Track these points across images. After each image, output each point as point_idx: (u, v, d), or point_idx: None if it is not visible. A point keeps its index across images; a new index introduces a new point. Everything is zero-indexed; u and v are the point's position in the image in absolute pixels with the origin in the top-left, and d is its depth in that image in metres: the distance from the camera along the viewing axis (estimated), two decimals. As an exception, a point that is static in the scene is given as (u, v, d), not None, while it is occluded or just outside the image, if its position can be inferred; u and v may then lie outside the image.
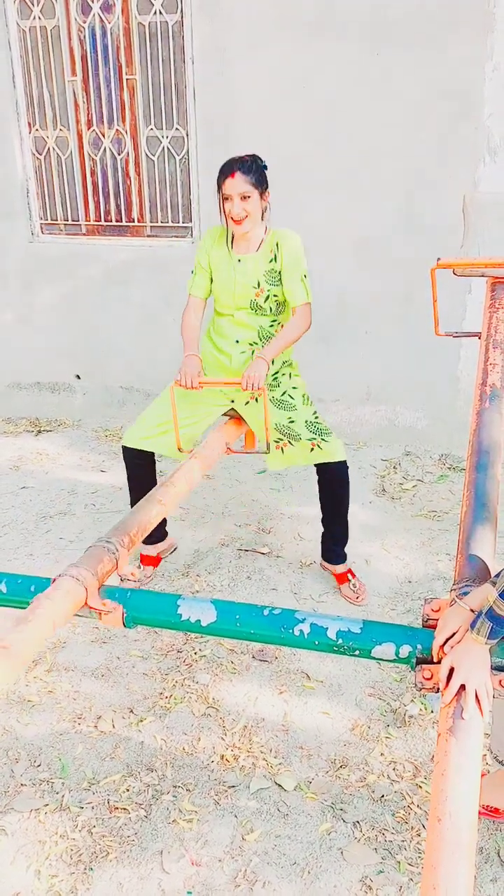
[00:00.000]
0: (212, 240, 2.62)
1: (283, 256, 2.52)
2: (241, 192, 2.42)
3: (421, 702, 2.33)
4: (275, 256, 2.54)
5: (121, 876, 1.82)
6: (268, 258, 2.55)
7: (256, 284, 2.56)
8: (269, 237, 2.56)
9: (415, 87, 3.58)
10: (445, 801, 1.15)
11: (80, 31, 3.99)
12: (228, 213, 2.46)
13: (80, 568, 1.60)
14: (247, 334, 2.62)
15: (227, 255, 2.58)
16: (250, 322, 2.61)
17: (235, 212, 2.44)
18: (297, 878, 1.81)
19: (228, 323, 2.64)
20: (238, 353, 2.62)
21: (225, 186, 2.43)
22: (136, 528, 1.86)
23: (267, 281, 2.56)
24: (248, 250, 2.56)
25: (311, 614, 1.51)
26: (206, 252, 2.62)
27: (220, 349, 2.67)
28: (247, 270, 2.56)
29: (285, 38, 3.66)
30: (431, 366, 3.96)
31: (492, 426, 1.84)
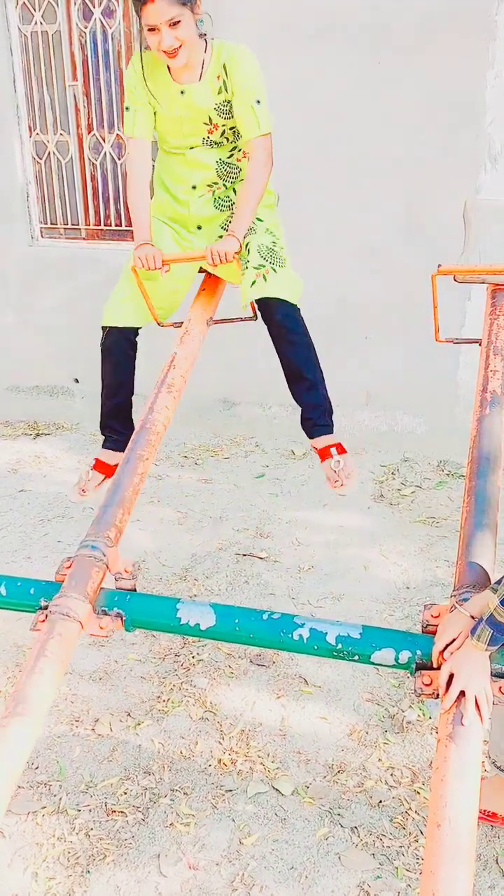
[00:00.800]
0: (146, 66, 2.09)
1: (234, 80, 2.07)
2: (168, 19, 1.91)
3: (419, 708, 2.33)
4: (224, 84, 2.08)
5: (118, 879, 1.81)
6: (216, 88, 2.08)
7: (208, 120, 2.13)
8: (213, 58, 2.07)
9: (416, 94, 3.60)
10: (445, 806, 1.15)
11: (82, 35, 4.01)
12: (157, 47, 1.96)
13: (69, 597, 1.52)
14: (203, 174, 2.20)
15: (169, 87, 2.10)
16: (205, 159, 2.18)
17: (166, 44, 1.94)
18: (295, 883, 1.81)
19: (180, 164, 2.20)
20: (196, 199, 2.23)
21: (145, 16, 1.91)
22: (122, 511, 1.73)
23: (220, 114, 2.12)
24: (191, 78, 2.08)
25: (310, 619, 1.51)
26: (140, 81, 2.10)
27: (175, 197, 2.25)
28: (193, 103, 2.10)
29: (286, 45, 3.67)
30: (431, 372, 3.97)
31: (492, 433, 1.85)
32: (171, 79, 2.09)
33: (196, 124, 2.14)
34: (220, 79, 2.08)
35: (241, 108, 2.10)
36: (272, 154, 2.15)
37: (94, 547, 1.65)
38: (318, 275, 4.01)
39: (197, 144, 2.18)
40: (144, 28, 1.96)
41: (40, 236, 4.45)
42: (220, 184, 2.24)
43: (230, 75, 2.07)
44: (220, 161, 2.21)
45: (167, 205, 2.29)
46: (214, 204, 2.26)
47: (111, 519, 1.73)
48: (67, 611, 1.50)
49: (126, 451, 1.91)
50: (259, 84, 2.11)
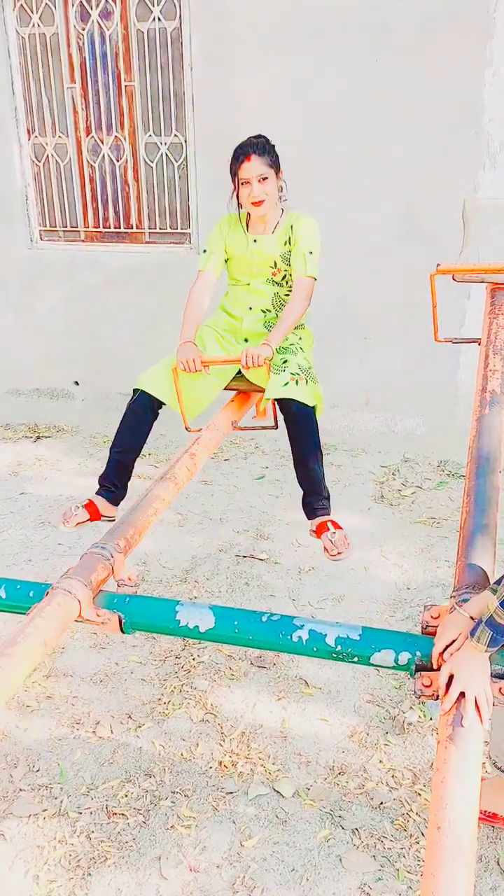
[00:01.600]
0: (228, 225, 2.60)
1: (296, 237, 2.51)
2: (258, 175, 2.41)
3: (420, 709, 2.32)
4: (289, 239, 2.53)
5: (119, 881, 1.81)
6: (283, 240, 2.54)
7: (273, 265, 2.56)
8: (284, 219, 2.55)
9: (415, 94, 3.60)
10: (445, 808, 1.14)
11: (79, 38, 4.01)
12: (248, 197, 2.44)
13: (73, 579, 1.56)
14: (261, 301, 2.60)
15: (243, 237, 2.57)
16: (265, 290, 2.59)
17: (255, 194, 2.42)
18: (296, 885, 1.80)
19: (243, 291, 2.62)
20: (249, 317, 2.60)
21: (242, 171, 2.42)
22: (133, 531, 1.83)
23: (283, 262, 2.55)
24: (265, 231, 2.55)
25: (309, 620, 1.50)
26: (222, 235, 2.59)
27: (232, 315, 2.64)
28: (263, 250, 2.55)
29: (285, 45, 3.68)
30: (431, 372, 3.97)
31: (492, 432, 1.84)
32: (247, 232, 2.58)
33: (263, 266, 2.57)
34: (287, 234, 2.55)
35: (296, 254, 2.52)
36: (312, 295, 2.53)
37: (103, 548, 1.71)
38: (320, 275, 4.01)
39: (261, 281, 2.60)
40: (239, 182, 2.44)
41: (39, 239, 4.45)
42: (272, 312, 2.62)
43: (295, 232, 2.52)
44: (277, 294, 2.61)
45: (223, 320, 2.66)
46: (264, 325, 2.60)
47: (123, 532, 1.80)
48: (70, 588, 1.54)
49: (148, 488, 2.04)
50: (315, 241, 2.53)
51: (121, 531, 1.80)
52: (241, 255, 2.57)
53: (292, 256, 2.53)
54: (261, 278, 2.59)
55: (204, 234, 4.09)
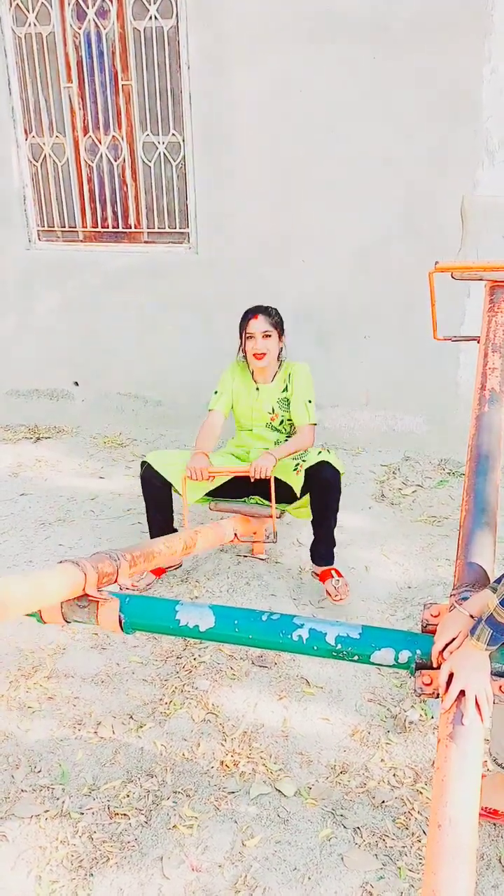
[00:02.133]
0: (237, 371, 3.03)
1: (294, 386, 2.93)
2: (263, 331, 2.84)
3: (421, 707, 2.32)
4: (286, 386, 2.96)
5: (121, 882, 1.81)
6: (281, 388, 2.97)
7: (271, 410, 2.98)
8: (282, 370, 2.98)
9: (413, 91, 3.59)
10: (446, 806, 1.14)
11: (76, 37, 4.01)
12: (252, 350, 2.86)
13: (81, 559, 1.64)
14: (264, 444, 3.01)
15: (249, 384, 3.00)
16: (268, 436, 3.02)
17: (258, 347, 2.84)
18: (298, 884, 1.80)
19: (248, 435, 3.06)
20: (255, 451, 3.00)
21: (249, 326, 2.85)
22: (142, 556, 1.89)
23: (280, 407, 2.98)
24: (266, 381, 2.99)
25: (309, 619, 1.50)
26: (232, 378, 3.03)
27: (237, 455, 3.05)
28: (263, 398, 2.98)
29: (282, 43, 3.67)
30: (431, 371, 3.97)
31: (491, 430, 1.84)
32: (253, 381, 3.01)
33: (262, 413, 3.00)
34: (284, 382, 2.98)
35: (296, 403, 2.94)
36: (313, 438, 2.93)
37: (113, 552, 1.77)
38: (317, 274, 4.01)
39: (262, 426, 3.01)
40: (245, 336, 2.88)
41: (38, 239, 4.45)
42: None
43: (292, 380, 2.96)
44: (278, 441, 3.02)
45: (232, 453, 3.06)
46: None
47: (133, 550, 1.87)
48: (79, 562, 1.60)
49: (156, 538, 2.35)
50: (310, 389, 2.95)
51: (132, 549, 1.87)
52: (246, 401, 3.00)
53: (292, 406, 2.94)
54: (261, 422, 3.00)
55: (203, 233, 4.09)
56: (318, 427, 3.65)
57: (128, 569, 1.77)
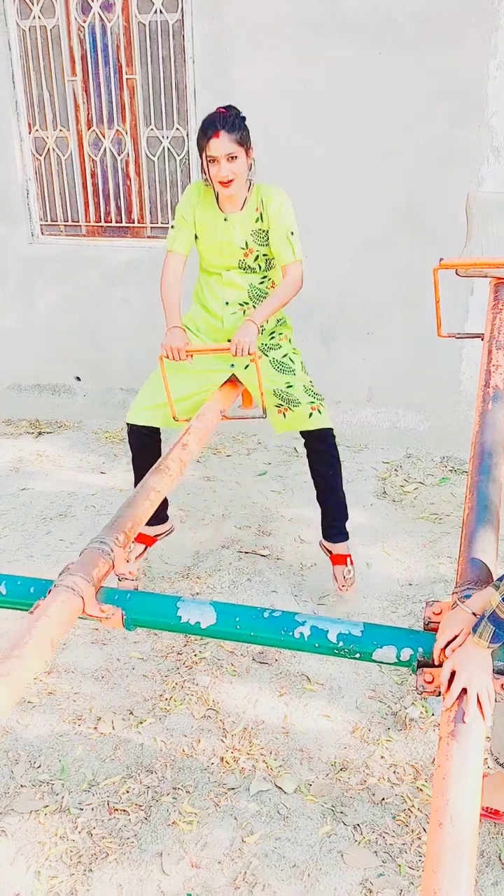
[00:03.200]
0: (198, 195, 2.47)
1: (269, 214, 2.41)
2: (227, 153, 2.29)
3: (422, 705, 2.32)
4: (261, 215, 2.43)
5: (120, 877, 1.81)
6: (254, 217, 2.44)
7: (244, 245, 2.46)
8: (253, 194, 2.44)
9: (417, 86, 3.57)
10: (447, 804, 1.14)
11: (80, 30, 3.99)
12: (215, 177, 2.33)
13: (75, 576, 1.55)
14: (236, 294, 2.51)
15: (215, 213, 2.46)
16: (239, 281, 2.51)
17: (223, 174, 2.31)
18: (297, 881, 1.80)
19: (217, 283, 2.53)
20: (229, 315, 2.53)
21: (209, 148, 2.30)
22: (131, 524, 1.81)
23: (255, 241, 2.45)
24: (235, 209, 2.45)
25: (311, 617, 1.50)
26: (192, 207, 2.48)
27: (210, 311, 2.56)
28: (233, 230, 2.45)
29: (287, 38, 3.65)
30: (433, 368, 3.96)
31: (495, 428, 1.83)
32: (219, 209, 2.47)
33: (234, 248, 2.47)
34: (258, 210, 2.44)
35: (276, 239, 2.44)
36: (301, 278, 2.47)
37: (103, 542, 1.70)
38: (320, 271, 3.99)
39: (233, 267, 2.51)
40: (206, 159, 2.32)
41: (41, 234, 4.44)
42: (250, 304, 2.55)
43: (266, 207, 2.43)
44: (252, 286, 2.53)
45: (202, 319, 2.59)
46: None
47: (122, 526, 1.78)
48: (72, 585, 1.53)
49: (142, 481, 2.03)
50: (292, 218, 2.45)
51: (119, 525, 1.79)
52: (212, 235, 2.45)
53: (272, 241, 2.43)
54: (233, 261, 2.48)
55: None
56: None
57: (122, 554, 1.71)
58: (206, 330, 2.58)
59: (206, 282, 2.56)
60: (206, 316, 2.57)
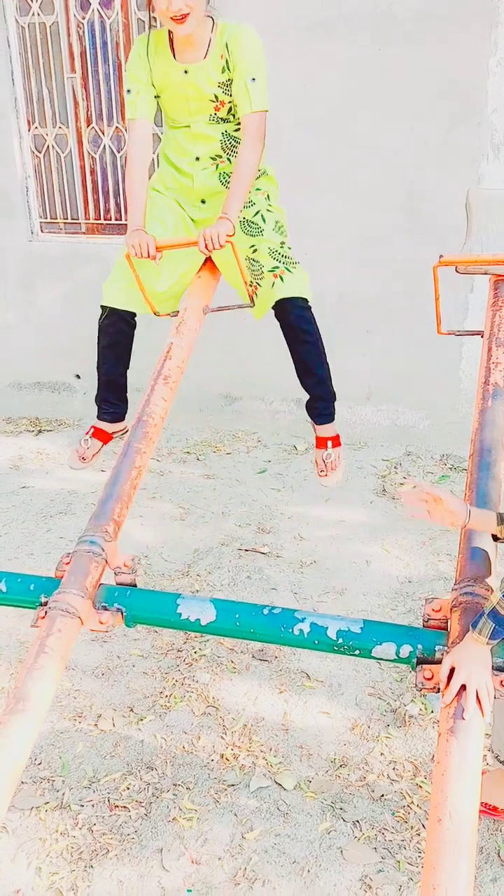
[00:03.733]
0: (146, 47, 2.10)
1: (234, 59, 2.06)
2: None
3: (421, 701, 2.32)
4: (227, 63, 2.07)
5: (121, 874, 1.82)
6: (219, 66, 2.07)
7: (213, 98, 2.12)
8: (217, 37, 2.07)
9: (417, 84, 3.57)
10: (446, 801, 1.14)
11: (80, 27, 3.98)
12: (166, 13, 1.93)
13: (68, 593, 1.52)
14: (208, 147, 2.19)
15: (172, 67, 2.09)
16: (210, 132, 2.17)
17: (175, 7, 1.90)
18: (297, 877, 1.81)
19: (184, 136, 2.19)
20: (200, 171, 2.21)
21: None
22: (119, 506, 1.72)
23: (224, 93, 2.11)
24: (196, 58, 2.07)
25: (311, 613, 1.50)
26: (146, 66, 2.10)
27: (179, 169, 2.23)
28: (198, 82, 2.09)
29: (286, 35, 3.64)
30: (433, 365, 3.95)
31: (494, 425, 1.83)
32: (175, 60, 2.08)
33: (202, 102, 2.12)
34: (223, 58, 2.07)
35: (236, 86, 2.08)
36: (264, 132, 2.11)
37: (92, 542, 1.64)
38: (319, 268, 3.97)
39: (203, 120, 2.17)
40: None
41: (40, 231, 4.44)
42: (223, 157, 2.21)
43: (232, 53, 2.05)
44: (226, 133, 2.18)
45: (171, 177, 2.26)
46: (220, 178, 2.23)
47: (109, 513, 1.72)
48: (67, 607, 1.50)
49: (123, 445, 1.90)
50: (256, 61, 2.08)
51: (106, 511, 1.71)
52: (174, 90, 2.10)
53: (233, 87, 2.08)
54: (202, 116, 2.14)
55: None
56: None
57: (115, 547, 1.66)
58: (176, 189, 2.27)
59: (173, 136, 2.22)
60: (174, 174, 2.24)
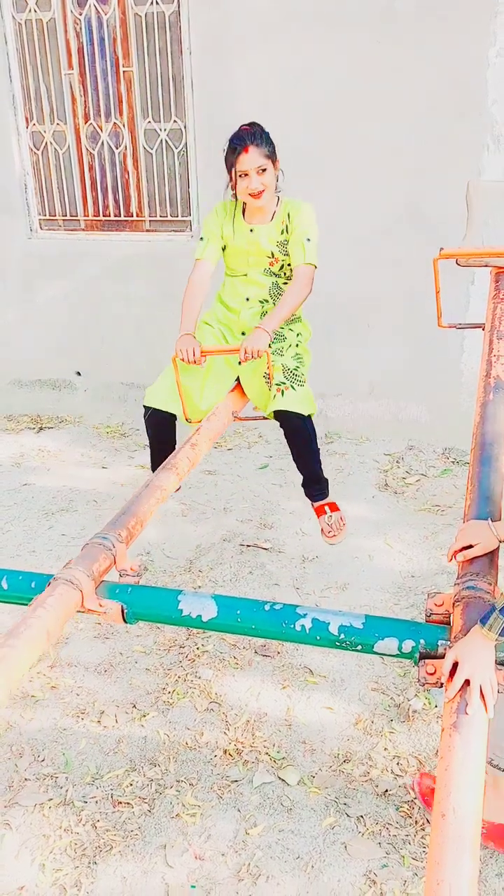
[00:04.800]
0: (224, 212, 2.57)
1: (294, 225, 2.49)
2: (257, 167, 2.39)
3: (425, 696, 2.32)
4: (286, 227, 2.51)
5: (125, 870, 1.82)
6: (279, 229, 2.51)
7: (270, 255, 2.54)
8: (281, 208, 2.52)
9: (417, 76, 3.55)
10: (449, 796, 1.13)
11: (76, 23, 3.96)
12: (246, 189, 2.42)
13: (75, 569, 1.55)
14: (258, 291, 2.58)
15: (240, 226, 2.54)
16: (263, 280, 2.57)
17: (254, 186, 2.40)
18: (301, 873, 1.80)
19: (240, 282, 2.60)
20: (247, 310, 2.59)
21: (240, 163, 2.39)
22: (135, 521, 1.81)
23: (280, 252, 2.53)
24: (262, 221, 2.52)
25: (312, 609, 1.49)
26: (219, 223, 2.56)
27: (229, 307, 2.63)
28: (260, 240, 2.52)
29: (285, 29, 3.62)
30: (434, 359, 3.94)
31: (496, 419, 1.82)
32: (244, 221, 2.54)
33: (260, 256, 2.54)
34: (283, 223, 2.51)
35: (294, 242, 2.49)
36: (312, 282, 2.48)
37: (105, 538, 1.69)
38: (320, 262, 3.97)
39: (258, 272, 2.57)
40: (237, 174, 2.40)
41: (39, 228, 4.42)
42: (269, 302, 2.58)
43: (292, 220, 2.49)
44: (275, 284, 2.58)
45: (221, 313, 2.65)
46: (261, 316, 2.55)
47: (125, 522, 1.78)
48: (71, 578, 1.52)
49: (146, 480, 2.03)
50: (312, 228, 2.49)
51: (122, 521, 1.78)
52: (239, 245, 2.55)
53: (290, 245, 2.50)
54: (258, 269, 2.56)
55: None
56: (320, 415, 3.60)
57: (125, 550, 1.71)
58: (223, 322, 2.64)
59: (230, 282, 2.64)
60: (224, 311, 2.63)
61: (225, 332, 2.63)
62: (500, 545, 1.50)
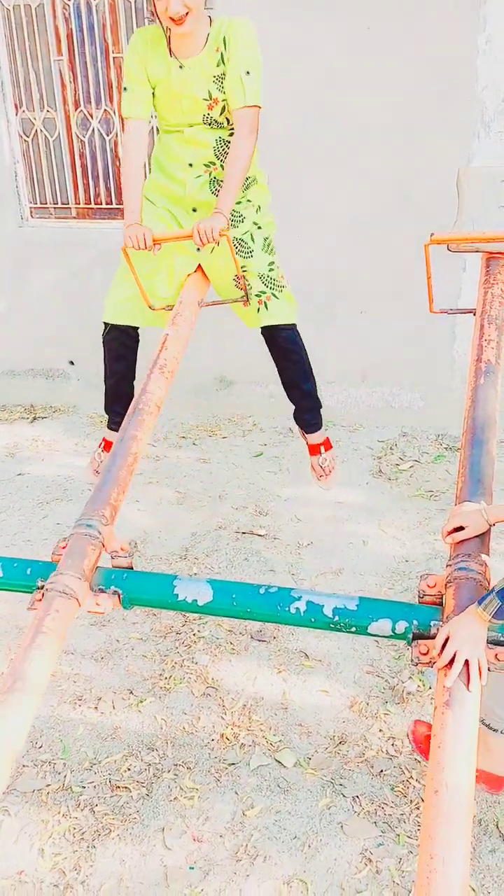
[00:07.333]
0: (144, 44, 2.09)
1: (230, 53, 2.04)
2: None
3: (419, 678, 2.35)
4: (222, 56, 2.05)
5: (123, 853, 1.84)
6: (215, 60, 2.06)
7: (207, 96, 2.09)
8: (214, 31, 2.06)
9: (407, 62, 3.53)
10: (442, 772, 1.16)
11: (65, 8, 3.93)
12: (164, 12, 1.94)
13: (66, 575, 1.52)
14: (200, 153, 2.18)
15: (167, 61, 2.08)
16: (203, 138, 2.16)
17: (174, 9, 1.92)
18: (298, 852, 1.83)
19: (177, 142, 2.18)
20: (193, 179, 2.21)
21: None
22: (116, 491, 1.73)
23: (219, 88, 2.08)
24: (192, 52, 2.05)
25: (307, 591, 1.51)
26: (141, 60, 2.10)
27: (171, 176, 2.23)
28: (192, 78, 2.07)
29: (273, 13, 3.59)
30: (427, 346, 3.95)
31: (487, 402, 1.83)
32: (171, 54, 2.08)
33: (195, 100, 2.11)
34: (218, 51, 2.06)
35: (230, 79, 2.06)
36: (257, 128, 2.10)
37: (89, 525, 1.64)
38: (310, 250, 3.97)
39: (197, 122, 2.15)
40: None
41: (30, 217, 4.40)
42: (217, 164, 2.20)
43: (228, 47, 2.05)
44: (220, 140, 2.18)
45: (163, 185, 2.26)
46: (211, 187, 2.24)
47: (106, 497, 1.72)
48: (64, 588, 1.50)
49: (119, 432, 1.92)
50: (252, 55, 2.07)
51: (103, 496, 1.72)
52: (167, 87, 2.10)
53: (226, 81, 2.06)
54: (195, 116, 2.12)
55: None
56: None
57: (112, 531, 1.66)
58: (168, 196, 2.27)
59: (166, 142, 2.22)
60: (166, 182, 2.25)
61: (174, 210, 2.27)
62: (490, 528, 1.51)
